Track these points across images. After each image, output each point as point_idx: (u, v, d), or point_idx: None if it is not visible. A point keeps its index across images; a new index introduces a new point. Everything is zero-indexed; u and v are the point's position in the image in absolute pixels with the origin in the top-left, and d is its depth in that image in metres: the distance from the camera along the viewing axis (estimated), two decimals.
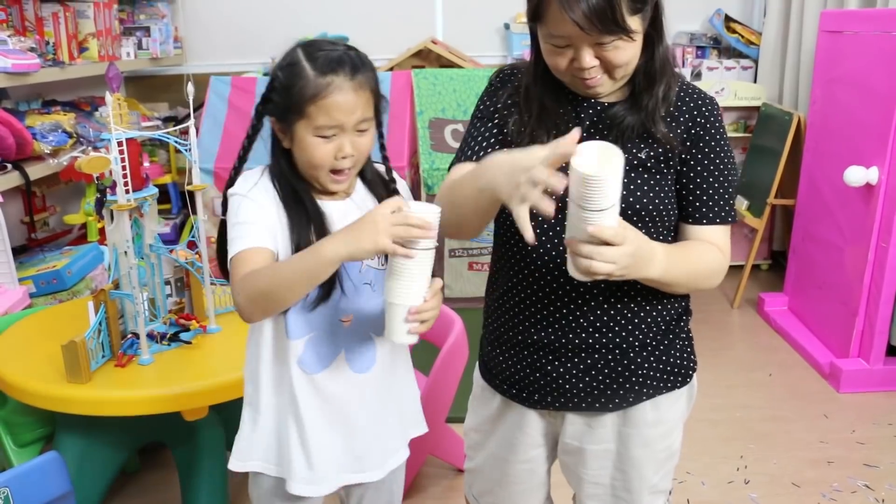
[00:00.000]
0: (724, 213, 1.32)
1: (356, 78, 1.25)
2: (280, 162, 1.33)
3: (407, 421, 1.53)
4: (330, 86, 1.23)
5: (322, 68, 1.24)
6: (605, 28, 1.15)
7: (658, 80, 1.27)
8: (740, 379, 3.17)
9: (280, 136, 1.31)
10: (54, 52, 3.26)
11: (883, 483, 2.46)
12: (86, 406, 1.82)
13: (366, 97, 1.27)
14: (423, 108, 3.86)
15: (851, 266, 3.10)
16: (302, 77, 1.24)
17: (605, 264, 1.09)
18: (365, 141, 1.30)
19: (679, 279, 1.26)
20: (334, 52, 1.26)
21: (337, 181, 1.31)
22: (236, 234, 1.28)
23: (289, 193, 1.31)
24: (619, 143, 1.27)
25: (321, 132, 1.26)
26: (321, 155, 1.27)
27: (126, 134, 1.86)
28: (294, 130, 1.27)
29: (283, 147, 1.31)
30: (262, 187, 1.32)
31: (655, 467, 1.42)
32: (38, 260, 3.07)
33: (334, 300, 1.33)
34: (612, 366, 1.35)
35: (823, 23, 3.42)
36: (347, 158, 1.28)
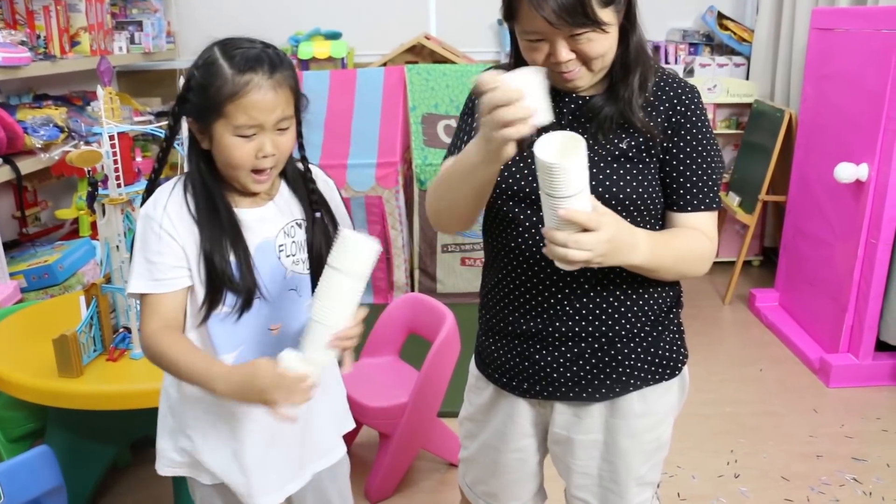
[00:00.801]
0: (709, 199, 1.33)
1: (275, 76, 1.23)
2: (198, 165, 1.30)
3: (338, 417, 1.54)
4: (249, 84, 1.21)
5: (240, 66, 1.21)
6: (575, 21, 1.16)
7: (632, 69, 1.29)
8: (731, 374, 3.19)
9: (198, 136, 1.28)
10: (45, 45, 3.25)
11: (870, 476, 2.48)
12: (77, 400, 1.82)
13: (285, 95, 1.25)
14: (415, 104, 3.86)
15: (841, 262, 3.12)
16: (219, 76, 1.21)
17: (581, 251, 1.10)
18: (286, 140, 1.28)
19: (664, 265, 1.27)
20: (252, 50, 1.24)
21: (258, 181, 1.28)
22: (145, 269, 1.27)
23: (202, 203, 1.28)
24: (600, 135, 1.30)
25: (241, 131, 1.23)
26: (241, 155, 1.24)
27: (118, 128, 1.86)
28: (212, 131, 1.24)
29: (202, 149, 1.29)
30: (170, 206, 1.28)
31: (643, 458, 1.42)
32: (29, 255, 3.07)
33: (257, 309, 1.32)
34: (599, 355, 1.36)
35: (815, 20, 3.43)
36: (268, 158, 1.26)
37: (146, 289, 1.27)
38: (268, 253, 1.33)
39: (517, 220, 1.33)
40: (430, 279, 3.89)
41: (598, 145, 1.30)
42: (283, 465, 1.42)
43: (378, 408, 2.25)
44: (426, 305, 2.45)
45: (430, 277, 3.89)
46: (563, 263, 1.13)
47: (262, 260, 1.32)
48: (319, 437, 1.48)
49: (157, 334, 1.26)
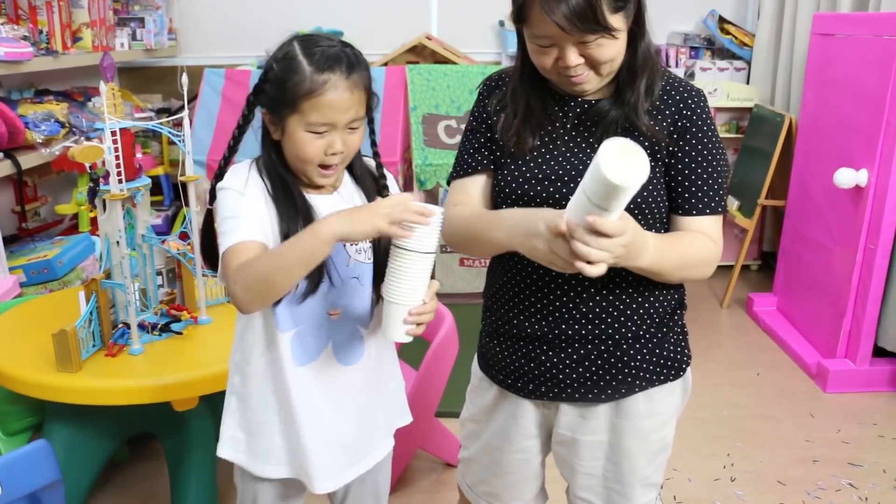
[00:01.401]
0: (714, 203, 1.33)
1: (352, 77, 1.25)
2: (269, 154, 1.32)
3: (392, 412, 1.55)
4: (326, 84, 1.23)
5: (319, 65, 1.23)
6: (586, 28, 1.17)
7: (640, 74, 1.29)
8: (728, 378, 3.20)
9: (271, 127, 1.31)
10: (48, 41, 3.24)
11: (866, 482, 2.49)
12: (76, 395, 1.82)
13: (359, 96, 1.27)
14: (416, 104, 3.87)
15: (840, 267, 3.12)
16: (298, 72, 1.23)
17: (599, 252, 1.10)
18: (355, 138, 1.30)
19: (669, 268, 1.27)
20: (331, 49, 1.25)
21: (325, 175, 1.31)
22: (228, 227, 1.27)
23: (278, 186, 1.31)
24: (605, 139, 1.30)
25: (313, 128, 1.25)
26: (311, 150, 1.27)
27: (120, 124, 1.86)
28: (285, 124, 1.27)
29: (273, 139, 1.31)
30: (251, 181, 1.31)
31: (647, 459, 1.43)
32: (28, 249, 3.07)
33: (322, 293, 1.33)
34: (606, 357, 1.36)
35: (816, 26, 3.44)
36: (337, 155, 1.28)
37: (236, 239, 1.24)
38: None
39: None
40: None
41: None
42: (341, 452, 1.43)
43: None
44: None
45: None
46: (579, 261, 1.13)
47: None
48: (377, 428, 1.49)
49: (246, 263, 1.22)
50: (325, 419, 1.39)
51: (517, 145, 1.35)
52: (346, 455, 1.44)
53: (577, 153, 1.33)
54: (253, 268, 1.21)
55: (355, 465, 1.46)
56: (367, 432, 1.47)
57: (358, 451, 1.46)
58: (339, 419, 1.41)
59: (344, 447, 1.43)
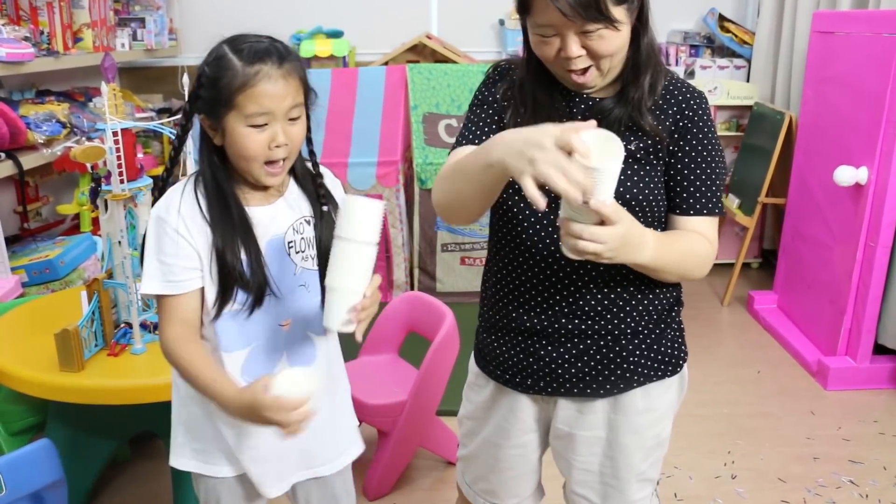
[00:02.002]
0: (712, 204, 1.34)
1: (284, 66, 1.25)
2: (211, 162, 1.31)
3: (350, 416, 1.55)
4: (259, 73, 1.22)
5: (249, 58, 1.23)
6: (588, 16, 1.18)
7: (643, 71, 1.30)
8: (729, 375, 3.20)
9: (210, 133, 1.29)
10: (49, 41, 3.25)
11: (867, 479, 2.49)
12: (78, 394, 1.83)
13: (295, 84, 1.27)
14: (417, 103, 3.87)
15: (840, 265, 3.13)
16: (229, 68, 1.23)
17: (594, 244, 1.11)
18: (297, 130, 1.29)
19: (668, 266, 1.28)
20: (260, 44, 1.26)
21: (271, 173, 1.29)
22: (159, 271, 1.29)
23: (214, 201, 1.30)
24: None
25: (252, 121, 1.24)
26: (254, 145, 1.25)
27: (121, 124, 1.87)
28: (224, 124, 1.25)
29: (215, 145, 1.30)
30: (185, 207, 1.29)
31: (644, 455, 1.44)
32: (30, 249, 3.07)
33: (267, 306, 1.33)
34: (604, 352, 1.37)
35: (816, 23, 3.44)
36: (281, 148, 1.27)
37: (161, 290, 1.29)
38: (277, 250, 1.34)
39: (524, 216, 1.34)
40: (430, 278, 3.90)
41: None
42: (289, 455, 1.43)
43: (377, 405, 2.25)
44: (426, 304, 2.46)
45: (429, 276, 3.90)
46: (574, 253, 1.14)
47: (272, 257, 1.33)
48: (334, 435, 1.49)
49: (178, 343, 1.28)
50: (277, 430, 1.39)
51: None
52: (300, 457, 1.44)
53: None
54: (176, 359, 1.29)
55: (311, 467, 1.47)
56: (331, 436, 1.47)
57: (311, 453, 1.46)
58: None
59: (297, 450, 1.43)
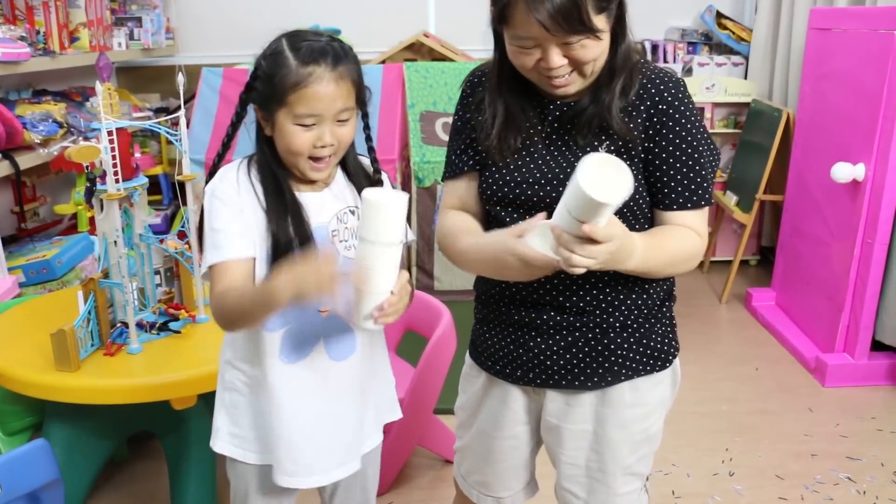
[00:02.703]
0: (697, 196, 1.32)
1: (338, 68, 1.27)
2: (263, 150, 1.35)
3: (382, 407, 1.55)
4: (311, 75, 1.25)
5: (304, 58, 1.25)
6: (571, 28, 1.16)
7: (618, 74, 1.28)
8: (727, 372, 3.20)
9: (263, 123, 1.33)
10: (45, 41, 3.25)
11: (865, 475, 2.50)
12: (75, 394, 1.83)
13: (347, 87, 1.29)
14: (414, 101, 3.87)
15: (838, 262, 3.13)
16: (284, 66, 1.25)
17: (586, 259, 1.10)
18: (345, 131, 1.32)
19: (656, 268, 1.28)
20: (317, 43, 1.28)
21: (316, 168, 1.32)
22: (212, 241, 1.30)
23: (269, 183, 1.33)
24: (579, 138, 1.30)
25: (300, 121, 1.27)
26: (300, 143, 1.28)
27: (116, 123, 1.87)
28: (275, 118, 1.29)
29: (266, 135, 1.33)
30: (239, 185, 1.33)
31: (631, 449, 1.43)
32: (27, 249, 3.07)
33: None
34: (592, 345, 1.37)
35: (813, 20, 3.44)
36: (326, 147, 1.29)
37: (215, 258, 1.29)
38: (322, 237, 1.35)
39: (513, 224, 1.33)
40: (428, 276, 3.90)
41: (578, 148, 1.31)
42: (334, 448, 1.43)
43: None
44: (423, 302, 2.46)
45: (427, 275, 3.90)
46: (563, 261, 1.13)
47: (317, 243, 1.34)
48: (367, 424, 1.50)
49: (227, 293, 1.28)
50: (316, 418, 1.40)
51: (498, 150, 1.34)
52: (336, 453, 1.44)
53: (557, 155, 1.33)
54: (227, 304, 1.28)
55: (345, 463, 1.46)
56: (359, 429, 1.47)
57: (349, 449, 1.46)
58: (331, 417, 1.41)
59: (335, 445, 1.43)
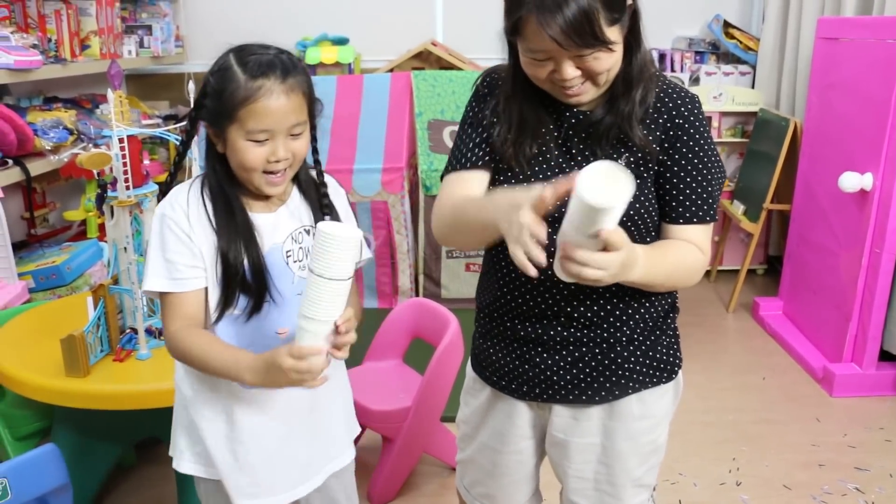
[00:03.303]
0: (703, 212, 1.32)
1: (287, 81, 1.25)
2: (215, 168, 1.33)
3: (349, 421, 1.55)
4: (261, 89, 1.23)
5: (253, 72, 1.23)
6: (583, 42, 1.16)
7: (635, 85, 1.28)
8: (734, 382, 3.19)
9: (214, 140, 1.31)
10: (56, 49, 3.27)
11: (873, 486, 2.49)
12: (84, 399, 1.84)
13: (298, 100, 1.27)
14: (422, 110, 3.88)
15: (845, 271, 3.12)
16: (233, 81, 1.24)
17: (597, 271, 1.09)
18: (299, 144, 1.30)
19: (657, 280, 1.27)
20: (265, 56, 1.26)
21: (272, 183, 1.30)
22: (160, 268, 1.30)
23: (220, 205, 1.31)
24: (598, 150, 1.30)
25: (253, 136, 1.25)
26: (252, 158, 1.26)
27: (127, 131, 1.88)
28: (226, 134, 1.26)
29: (217, 152, 1.31)
30: (188, 207, 1.31)
31: (639, 461, 1.44)
32: (37, 255, 3.09)
33: (266, 313, 1.34)
34: (599, 359, 1.37)
35: (820, 30, 3.44)
36: (281, 162, 1.28)
37: (165, 287, 1.30)
38: (276, 258, 1.35)
39: None
40: (435, 284, 3.90)
41: (595, 159, 1.30)
42: (292, 466, 1.43)
43: (381, 411, 2.26)
44: (430, 310, 2.47)
45: (434, 283, 3.90)
46: (572, 278, 1.12)
47: (272, 264, 1.34)
48: (331, 439, 1.50)
49: (181, 332, 1.29)
50: (276, 439, 1.40)
51: (514, 157, 1.33)
52: (298, 471, 1.44)
53: (572, 164, 1.32)
54: (184, 349, 1.29)
55: (307, 480, 1.46)
56: (321, 447, 1.47)
57: (308, 467, 1.46)
58: (291, 437, 1.41)
59: (295, 464, 1.43)
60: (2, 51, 2.80)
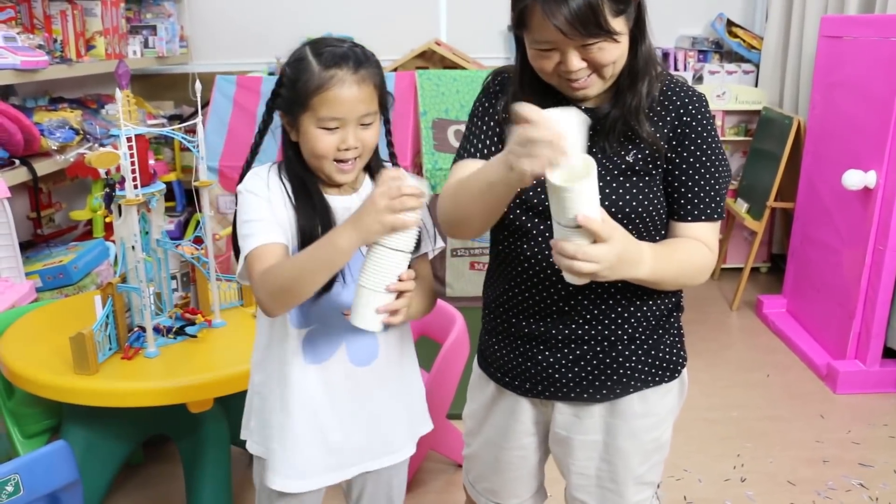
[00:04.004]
0: (711, 209, 1.33)
1: (359, 72, 1.29)
2: (289, 155, 1.37)
3: (415, 418, 1.56)
4: (333, 79, 1.27)
5: (326, 62, 1.28)
6: (588, 32, 1.17)
7: (641, 78, 1.29)
8: (738, 379, 3.20)
9: (288, 129, 1.36)
10: (62, 49, 3.29)
11: (877, 482, 2.49)
12: (93, 397, 1.85)
13: (369, 91, 1.31)
14: (426, 109, 3.89)
15: (849, 269, 3.13)
16: (307, 71, 1.29)
17: (589, 264, 1.10)
18: (369, 134, 1.34)
19: (666, 278, 1.28)
20: (339, 49, 1.31)
21: (342, 170, 1.34)
22: (248, 231, 1.32)
23: (297, 186, 1.36)
24: (607, 146, 1.30)
25: (323, 124, 1.29)
26: (323, 146, 1.30)
27: (135, 130, 1.89)
28: (299, 123, 1.31)
29: (292, 140, 1.36)
30: (269, 183, 1.36)
31: (641, 458, 1.44)
32: (44, 255, 3.11)
33: (335, 293, 1.36)
34: (601, 357, 1.38)
35: (824, 28, 3.45)
36: (350, 150, 1.31)
37: (257, 242, 1.29)
38: None
39: (527, 230, 1.35)
40: (440, 283, 3.92)
41: (605, 158, 1.31)
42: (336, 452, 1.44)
43: None
44: (436, 308, 2.46)
45: (439, 281, 3.92)
46: (572, 276, 1.14)
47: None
48: (388, 434, 1.50)
49: (268, 271, 1.27)
50: (335, 420, 1.41)
51: None
52: (343, 456, 1.45)
53: None
54: (275, 275, 1.26)
55: (354, 465, 1.48)
56: (381, 434, 1.48)
57: (362, 453, 1.47)
58: (341, 421, 1.43)
59: (342, 448, 1.44)
60: (8, 51, 2.82)
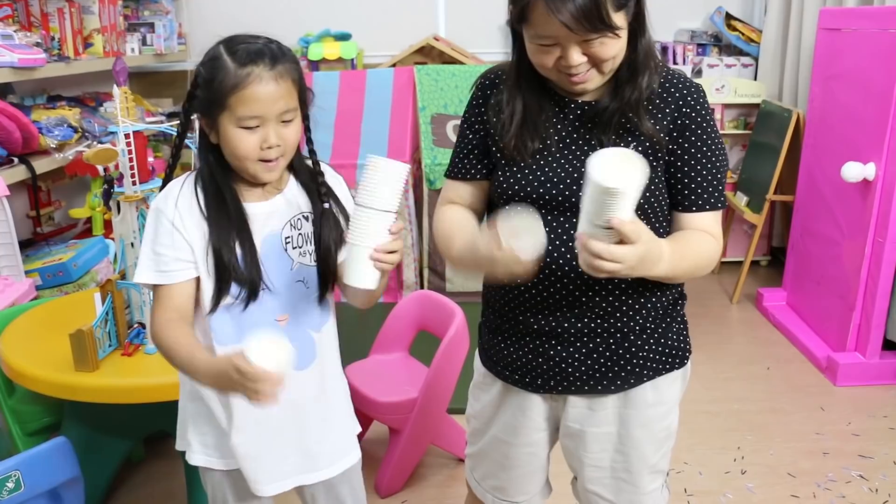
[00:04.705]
0: (714, 199, 1.35)
1: (276, 68, 1.26)
2: (208, 160, 1.33)
3: (349, 421, 1.55)
4: (249, 76, 1.24)
5: (241, 60, 1.24)
6: (591, 27, 1.18)
7: (641, 71, 1.30)
8: (738, 372, 3.20)
9: (207, 131, 1.31)
10: (60, 47, 3.29)
11: (877, 473, 2.50)
12: (93, 393, 1.86)
13: (287, 87, 1.27)
14: (425, 104, 3.89)
15: (849, 261, 3.13)
16: (222, 70, 1.25)
17: (613, 263, 1.11)
18: (290, 132, 1.30)
19: (681, 274, 1.31)
20: (254, 45, 1.27)
21: (268, 169, 1.31)
22: (149, 260, 1.32)
23: (211, 197, 1.32)
24: (605, 139, 1.31)
25: (243, 123, 1.25)
26: (245, 147, 1.27)
27: (133, 127, 1.89)
28: (218, 124, 1.27)
29: (211, 143, 1.32)
30: (179, 201, 1.32)
31: (655, 447, 1.45)
32: (44, 253, 3.11)
33: (263, 301, 1.34)
34: (614, 349, 1.38)
35: (822, 20, 3.44)
36: (273, 149, 1.28)
37: (152, 280, 1.32)
38: (274, 245, 1.36)
39: None
40: (440, 278, 3.92)
41: (601, 148, 1.30)
42: (286, 455, 1.44)
43: (388, 403, 2.27)
44: (436, 302, 2.48)
45: (439, 276, 3.92)
46: (591, 270, 1.14)
47: (269, 252, 1.35)
48: (337, 434, 1.50)
49: (164, 326, 1.30)
50: (278, 426, 1.40)
51: (517, 149, 1.34)
52: (299, 459, 1.45)
53: (578, 154, 1.33)
54: (159, 340, 1.31)
55: (312, 471, 1.47)
56: (329, 439, 1.48)
57: (311, 455, 1.46)
58: (294, 425, 1.42)
59: (295, 451, 1.44)
60: (6, 49, 2.82)
